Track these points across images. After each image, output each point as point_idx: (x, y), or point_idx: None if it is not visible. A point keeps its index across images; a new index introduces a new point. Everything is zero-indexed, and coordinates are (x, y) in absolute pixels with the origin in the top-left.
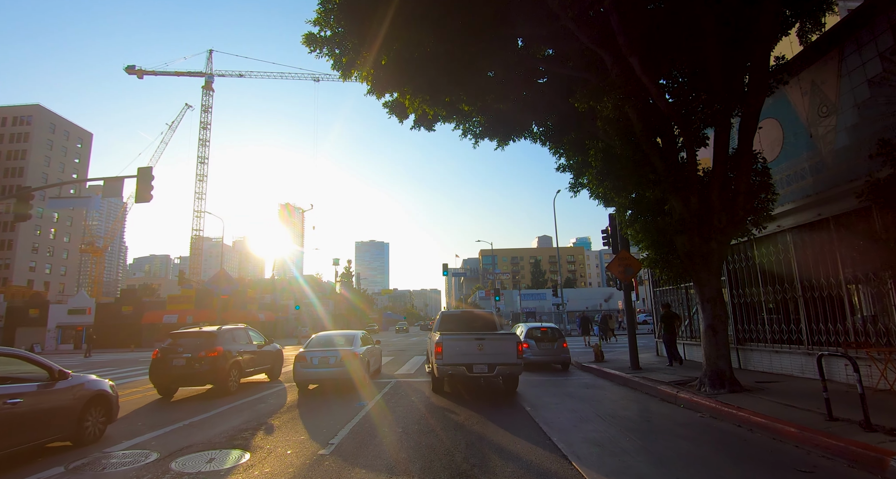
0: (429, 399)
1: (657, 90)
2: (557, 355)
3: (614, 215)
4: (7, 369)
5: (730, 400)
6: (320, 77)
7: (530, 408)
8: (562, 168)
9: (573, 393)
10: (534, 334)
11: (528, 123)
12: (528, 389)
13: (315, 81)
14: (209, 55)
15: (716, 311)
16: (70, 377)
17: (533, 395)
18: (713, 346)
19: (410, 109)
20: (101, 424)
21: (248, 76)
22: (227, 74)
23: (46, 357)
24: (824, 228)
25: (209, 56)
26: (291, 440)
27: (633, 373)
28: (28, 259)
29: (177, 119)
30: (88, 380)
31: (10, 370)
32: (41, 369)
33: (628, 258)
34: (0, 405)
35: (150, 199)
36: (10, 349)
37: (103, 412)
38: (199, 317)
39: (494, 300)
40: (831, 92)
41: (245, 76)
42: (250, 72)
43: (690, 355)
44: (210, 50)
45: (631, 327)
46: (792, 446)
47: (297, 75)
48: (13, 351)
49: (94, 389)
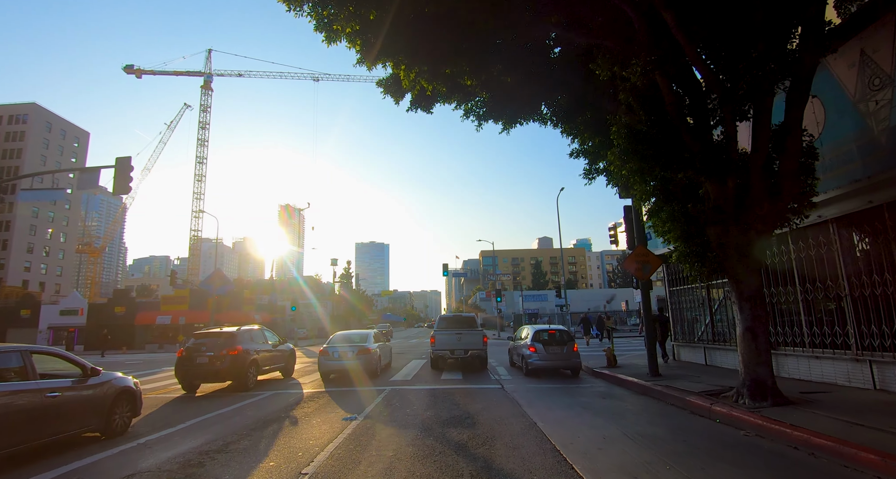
0: (426, 411)
1: (693, 52)
2: (567, 360)
3: (631, 207)
4: (45, 366)
5: (777, 415)
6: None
7: (542, 424)
8: (575, 153)
9: (590, 405)
10: (541, 337)
11: (538, 102)
12: (537, 399)
13: (315, 80)
14: (208, 55)
15: (756, 311)
16: (101, 374)
17: (543, 406)
18: (753, 351)
19: (406, 82)
20: (127, 417)
21: (247, 76)
22: (226, 74)
23: None
24: (876, 217)
25: (208, 55)
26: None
27: (654, 381)
28: (23, 259)
29: (175, 119)
30: (116, 377)
31: (48, 368)
32: (75, 366)
33: (646, 254)
34: (41, 399)
35: (128, 190)
36: (49, 348)
37: (129, 406)
38: (193, 318)
39: (496, 302)
40: (885, 62)
41: (244, 76)
42: (249, 71)
43: (708, 359)
44: (209, 49)
45: (650, 330)
46: (873, 478)
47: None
48: (51, 349)
49: (121, 385)
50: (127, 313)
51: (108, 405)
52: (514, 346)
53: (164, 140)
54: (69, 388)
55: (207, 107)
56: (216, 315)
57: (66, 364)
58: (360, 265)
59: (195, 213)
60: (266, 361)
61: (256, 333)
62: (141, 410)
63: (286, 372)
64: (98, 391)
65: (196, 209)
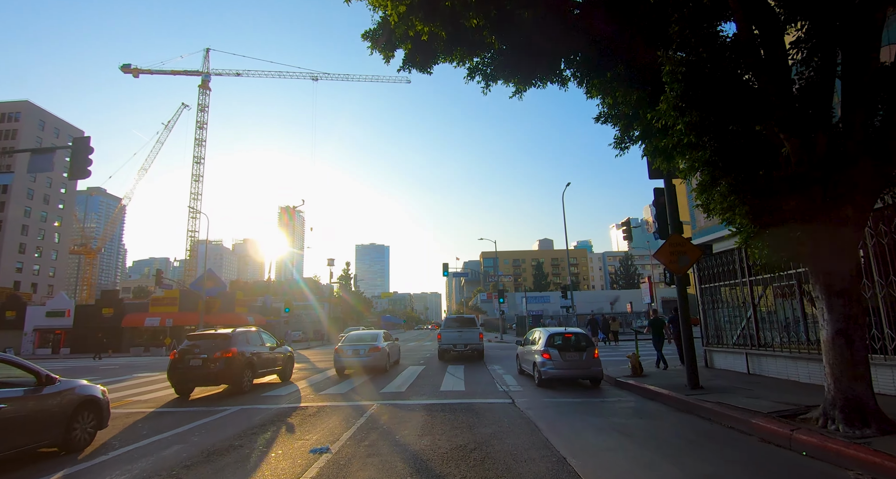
0: (420, 439)
1: None
2: (587, 369)
3: (662, 189)
4: None
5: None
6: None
7: (575, 461)
8: (603, 118)
9: (626, 428)
10: (556, 341)
11: (557, 56)
12: (559, 419)
13: (313, 80)
14: (206, 54)
15: (850, 309)
16: (58, 382)
17: (569, 431)
18: (846, 361)
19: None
20: (90, 430)
21: (245, 75)
22: (224, 73)
23: None
24: None
25: (206, 55)
26: None
27: (697, 395)
28: (14, 260)
29: (173, 119)
30: (79, 385)
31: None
32: (28, 373)
33: (682, 244)
34: None
35: (87, 175)
36: None
37: (93, 417)
38: (182, 320)
39: (498, 302)
40: None
41: (242, 75)
42: (248, 70)
43: (752, 367)
44: (207, 48)
45: (687, 333)
46: None
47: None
48: (1, 355)
49: (84, 394)
50: (115, 314)
51: (68, 416)
52: (524, 351)
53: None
54: (20, 398)
55: (205, 106)
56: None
57: (17, 371)
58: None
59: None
60: (263, 364)
61: (253, 335)
62: (108, 421)
63: (284, 376)
64: (55, 401)
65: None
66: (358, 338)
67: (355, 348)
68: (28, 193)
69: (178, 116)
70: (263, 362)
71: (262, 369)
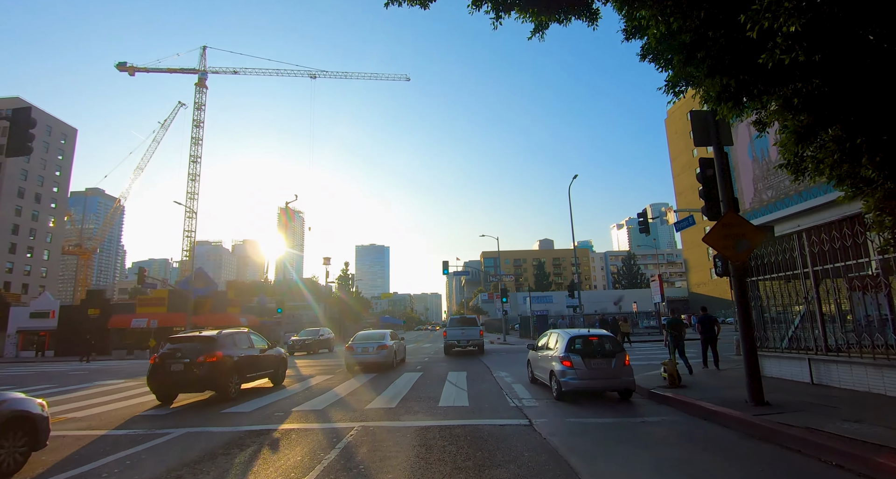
0: None
1: None
2: (617, 379)
3: (711, 160)
4: None
5: None
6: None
7: None
8: (651, 54)
9: (691, 465)
10: (577, 346)
11: None
12: (596, 449)
13: (312, 78)
14: (203, 52)
15: None
16: None
17: (616, 471)
18: None
19: None
20: (20, 452)
21: (242, 73)
22: (221, 71)
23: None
24: None
25: (203, 53)
26: None
27: (768, 415)
28: (4, 259)
29: (169, 117)
30: (9, 399)
31: None
32: None
33: (741, 224)
34: None
35: (28, 151)
36: None
37: (24, 436)
38: (169, 321)
39: (501, 302)
40: None
41: (240, 73)
42: (245, 68)
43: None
44: (203, 46)
45: (748, 336)
46: None
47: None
48: None
49: (14, 409)
50: (101, 315)
51: None
52: (537, 357)
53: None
54: None
55: (202, 105)
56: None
57: None
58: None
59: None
60: (251, 368)
61: (241, 337)
62: (47, 440)
63: (276, 380)
64: None
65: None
66: (367, 337)
67: (365, 345)
68: (19, 191)
69: (174, 115)
70: (252, 365)
71: (250, 373)
